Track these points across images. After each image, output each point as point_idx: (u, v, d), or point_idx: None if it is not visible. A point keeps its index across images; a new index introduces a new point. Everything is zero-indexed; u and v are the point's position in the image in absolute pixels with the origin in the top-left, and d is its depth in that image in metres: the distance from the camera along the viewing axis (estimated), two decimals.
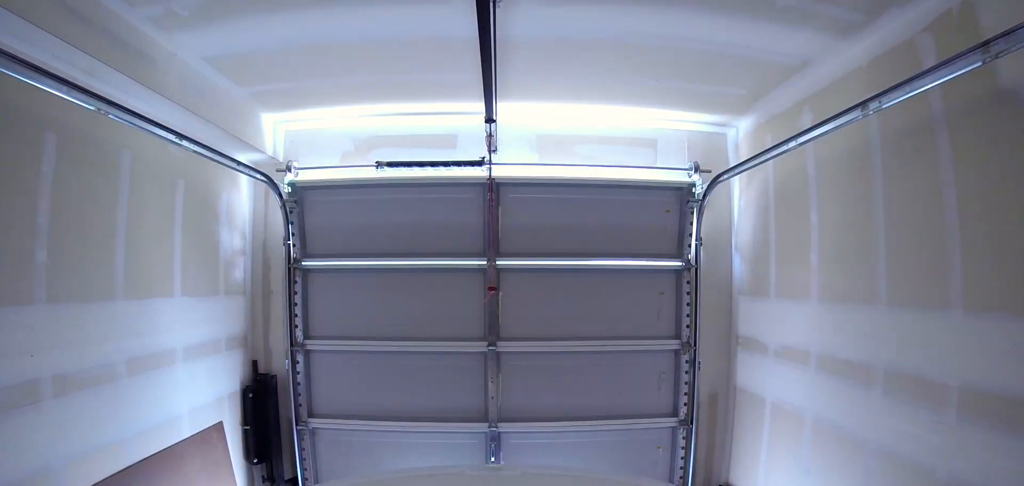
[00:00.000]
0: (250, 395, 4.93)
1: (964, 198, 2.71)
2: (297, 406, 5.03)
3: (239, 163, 4.15)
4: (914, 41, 2.99)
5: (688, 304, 5.02)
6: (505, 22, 3.25)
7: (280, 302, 5.11)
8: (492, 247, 4.86)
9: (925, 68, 2.44)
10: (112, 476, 3.26)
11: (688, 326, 5.02)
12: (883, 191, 3.27)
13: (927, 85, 2.41)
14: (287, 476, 5.21)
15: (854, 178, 3.50)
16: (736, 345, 5.10)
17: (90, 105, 2.67)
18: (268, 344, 5.21)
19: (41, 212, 2.89)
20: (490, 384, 4.96)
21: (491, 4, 2.65)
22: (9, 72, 2.27)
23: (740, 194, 5.12)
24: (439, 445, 5.10)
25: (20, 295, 2.79)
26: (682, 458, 5.11)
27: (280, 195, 4.80)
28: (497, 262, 4.88)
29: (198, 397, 4.28)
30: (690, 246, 4.97)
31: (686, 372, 5.04)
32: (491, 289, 4.83)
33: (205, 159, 3.88)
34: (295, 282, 4.96)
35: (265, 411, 5.04)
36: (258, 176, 4.62)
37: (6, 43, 2.42)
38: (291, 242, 4.88)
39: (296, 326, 4.99)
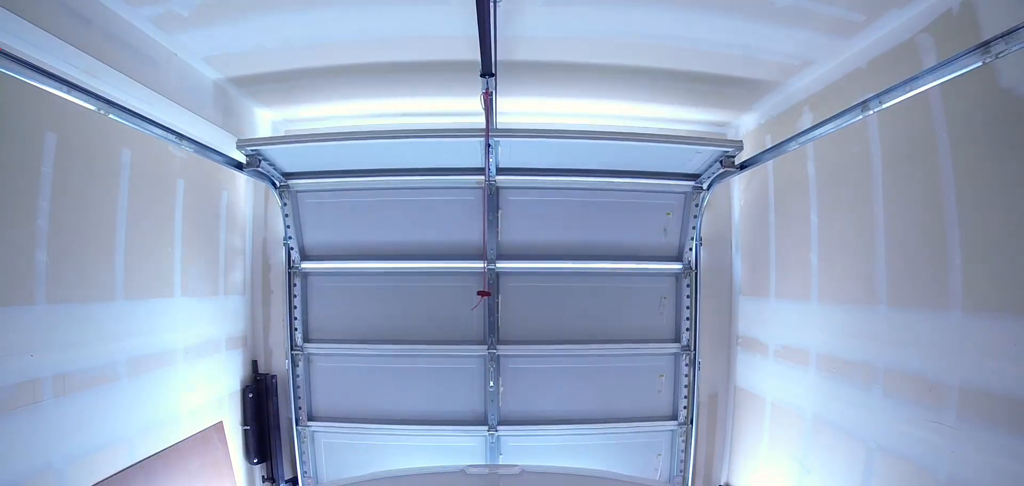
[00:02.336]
0: (250, 395, 4.94)
1: (964, 198, 2.71)
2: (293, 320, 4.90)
3: (238, 162, 4.15)
4: (914, 41, 3.00)
5: (693, 228, 4.84)
6: (505, 21, 3.26)
7: (280, 299, 5.11)
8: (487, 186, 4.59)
9: (925, 68, 2.44)
10: (112, 476, 3.27)
11: (690, 248, 4.88)
12: (883, 191, 3.27)
13: (927, 85, 2.41)
14: (287, 476, 5.21)
15: (854, 178, 3.50)
16: (736, 345, 5.10)
17: (90, 105, 2.67)
18: (268, 344, 5.21)
19: (41, 212, 2.89)
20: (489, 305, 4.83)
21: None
22: (9, 72, 2.27)
23: (740, 194, 5.12)
24: (436, 369, 5.01)
25: (20, 295, 2.79)
26: (686, 386, 4.99)
27: (278, 191, 4.76)
28: (497, 180, 4.62)
29: (198, 397, 4.28)
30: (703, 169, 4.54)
31: (687, 296, 4.93)
32: (483, 293, 4.62)
33: (205, 159, 3.88)
34: (285, 203, 4.74)
35: (265, 411, 5.04)
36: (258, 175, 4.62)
37: (6, 43, 2.41)
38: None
39: (290, 246, 4.86)
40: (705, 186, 4.65)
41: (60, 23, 2.74)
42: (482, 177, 4.61)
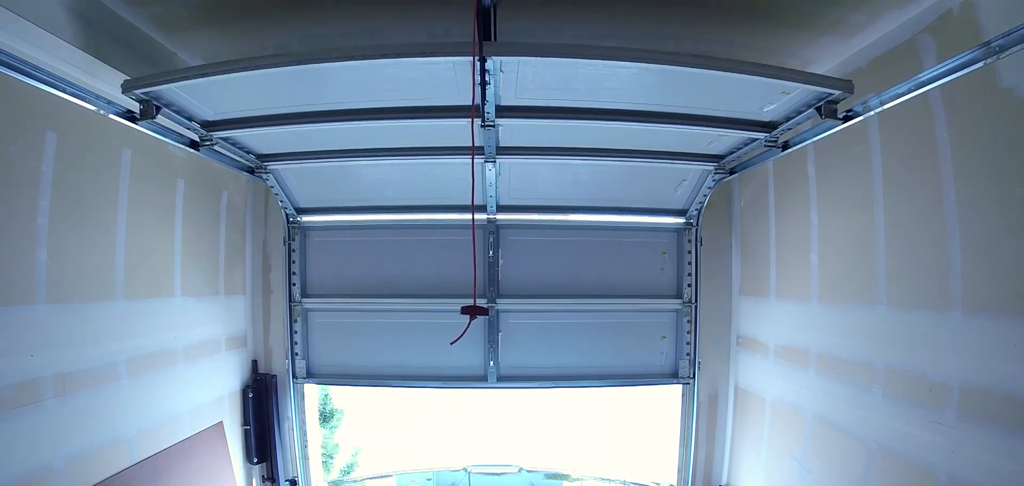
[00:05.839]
0: (250, 395, 4.94)
1: (964, 198, 2.71)
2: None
3: (238, 162, 4.14)
4: (914, 41, 3.00)
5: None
6: (504, 22, 3.25)
7: (280, 299, 5.10)
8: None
9: (925, 68, 2.44)
10: (112, 476, 3.27)
11: (717, 140, 4.15)
12: (883, 191, 3.27)
13: (928, 85, 2.41)
14: (288, 476, 5.21)
15: (854, 178, 3.50)
16: (736, 345, 5.10)
17: (90, 105, 2.66)
18: (268, 344, 5.21)
19: (41, 212, 2.89)
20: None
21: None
22: (9, 72, 2.27)
23: (740, 194, 5.12)
24: (435, 241, 4.86)
25: (20, 295, 2.79)
26: (690, 264, 4.87)
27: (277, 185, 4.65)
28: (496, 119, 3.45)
29: (198, 397, 4.28)
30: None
31: (709, 182, 4.59)
32: (476, 311, 3.21)
33: (206, 159, 3.87)
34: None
35: (265, 411, 5.04)
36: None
37: (6, 43, 2.41)
38: None
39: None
40: (779, 142, 3.42)
41: (60, 23, 2.74)
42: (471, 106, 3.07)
